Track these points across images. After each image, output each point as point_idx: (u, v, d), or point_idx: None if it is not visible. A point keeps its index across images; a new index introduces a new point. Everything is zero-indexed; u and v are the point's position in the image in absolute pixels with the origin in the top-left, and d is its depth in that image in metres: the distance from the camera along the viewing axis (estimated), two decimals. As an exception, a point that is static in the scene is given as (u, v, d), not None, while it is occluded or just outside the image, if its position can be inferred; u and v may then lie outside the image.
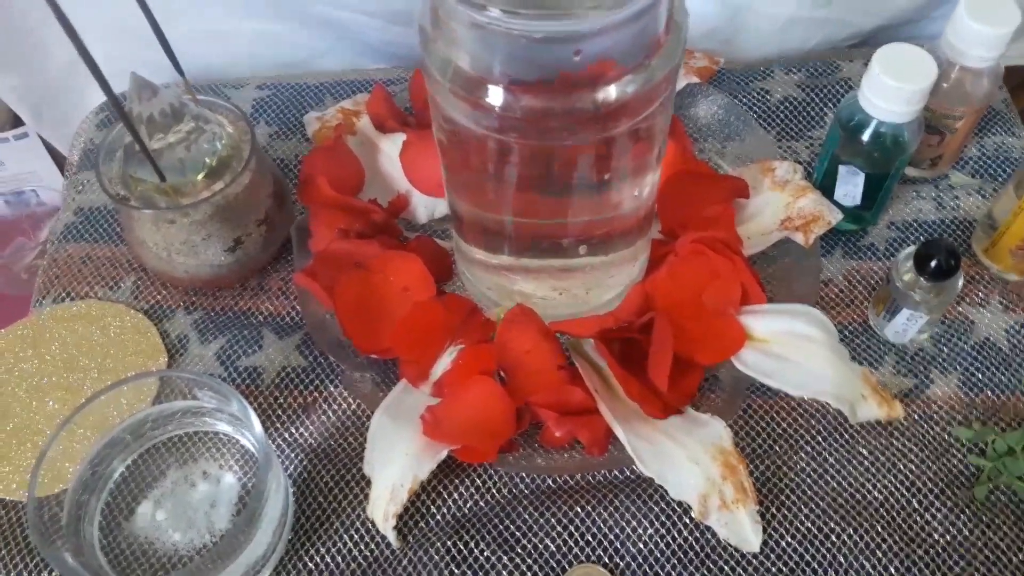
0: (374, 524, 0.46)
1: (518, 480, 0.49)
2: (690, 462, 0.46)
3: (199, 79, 0.62)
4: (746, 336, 0.49)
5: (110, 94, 0.42)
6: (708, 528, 0.46)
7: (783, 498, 0.47)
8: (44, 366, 0.53)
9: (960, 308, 0.53)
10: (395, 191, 0.58)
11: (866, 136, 0.50)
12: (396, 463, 0.46)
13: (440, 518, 0.47)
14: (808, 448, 0.49)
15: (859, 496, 0.47)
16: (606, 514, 0.47)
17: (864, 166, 0.52)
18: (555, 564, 0.46)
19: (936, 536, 0.46)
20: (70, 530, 0.43)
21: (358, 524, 0.47)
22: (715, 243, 0.51)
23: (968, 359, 0.52)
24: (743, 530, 0.45)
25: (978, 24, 0.49)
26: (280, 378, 0.53)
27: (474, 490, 0.48)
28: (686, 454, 0.46)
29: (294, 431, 0.51)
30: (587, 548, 0.46)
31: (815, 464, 0.48)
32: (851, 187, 0.53)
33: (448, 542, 0.46)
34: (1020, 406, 0.50)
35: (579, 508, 0.47)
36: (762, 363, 0.49)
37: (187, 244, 0.52)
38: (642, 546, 0.46)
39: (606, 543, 0.46)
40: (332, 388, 0.52)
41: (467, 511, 0.48)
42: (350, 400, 0.51)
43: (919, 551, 0.46)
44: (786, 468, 0.48)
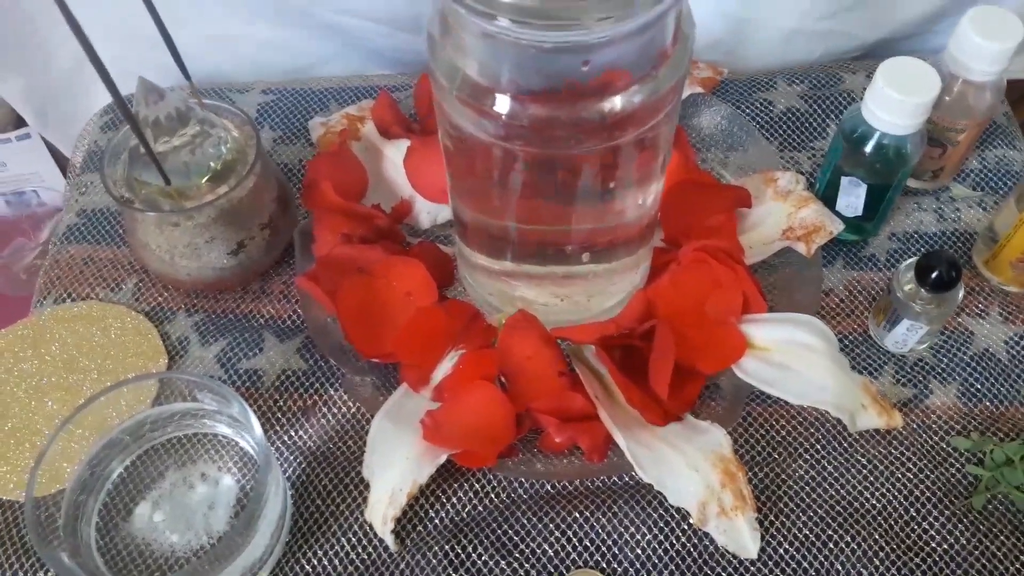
0: (372, 528, 0.46)
1: (517, 485, 0.49)
2: (689, 469, 0.46)
3: (205, 83, 0.63)
4: (747, 344, 0.50)
5: (117, 96, 0.42)
6: (706, 535, 0.46)
7: (781, 505, 0.47)
8: (44, 366, 0.53)
9: (960, 319, 0.54)
10: (398, 197, 0.58)
11: (869, 148, 0.51)
12: (396, 467, 0.46)
13: (439, 522, 0.47)
14: (807, 456, 0.49)
15: (857, 504, 0.48)
16: (604, 520, 0.47)
17: (866, 177, 0.52)
18: (553, 569, 0.46)
19: (934, 545, 0.46)
20: (67, 530, 0.43)
21: (356, 527, 0.47)
22: (717, 252, 0.51)
23: (967, 370, 0.52)
24: (741, 537, 0.45)
25: (981, 39, 0.50)
26: (280, 381, 0.53)
27: (473, 495, 0.48)
28: (685, 461, 0.46)
29: (293, 434, 0.51)
30: (585, 553, 0.46)
31: (814, 472, 0.49)
32: (853, 198, 0.53)
33: (446, 546, 0.46)
34: (1019, 417, 0.50)
35: (578, 513, 0.47)
36: (763, 371, 0.49)
37: (190, 247, 0.52)
38: (640, 552, 0.46)
39: (604, 548, 0.46)
40: (332, 391, 0.52)
41: (466, 515, 0.48)
42: (350, 404, 0.51)
43: (916, 559, 0.46)
44: (785, 476, 0.49)
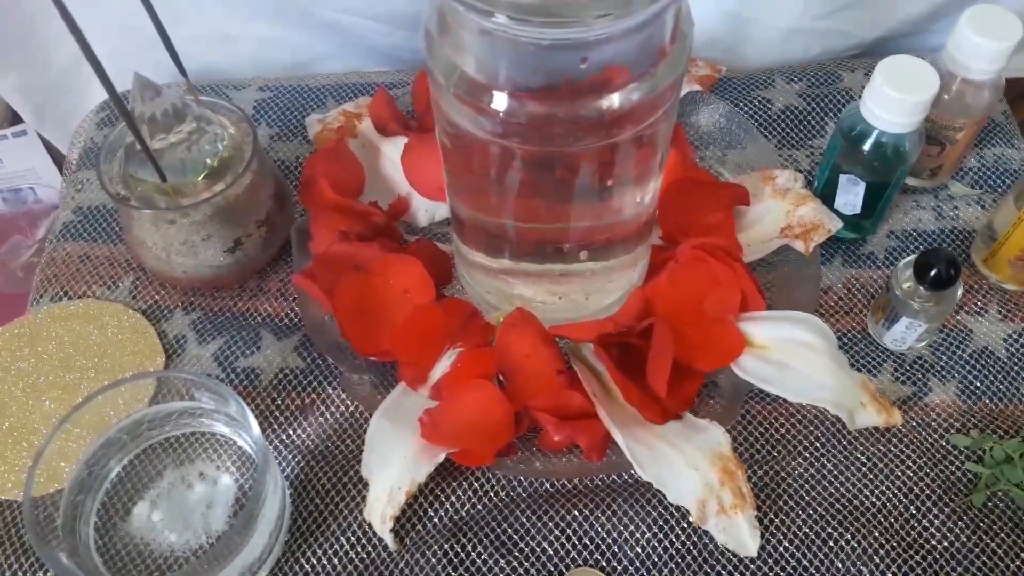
0: (371, 527, 0.46)
1: (516, 484, 0.49)
2: (688, 467, 0.46)
3: (201, 80, 0.62)
4: (745, 342, 0.49)
5: (113, 93, 0.42)
6: (706, 533, 0.46)
7: (781, 503, 0.47)
8: (41, 365, 0.53)
9: (959, 317, 0.54)
10: (396, 194, 0.58)
11: (867, 146, 0.51)
12: (394, 466, 0.46)
13: (437, 521, 0.47)
14: (806, 454, 0.49)
15: (857, 502, 0.48)
16: (604, 518, 0.47)
17: (865, 175, 0.52)
18: (552, 568, 0.46)
19: (934, 542, 0.46)
20: (66, 530, 0.43)
21: (355, 526, 0.47)
22: (715, 250, 0.51)
23: (966, 367, 0.52)
24: (741, 535, 0.45)
25: (980, 37, 0.50)
26: (278, 379, 0.52)
27: (471, 493, 0.48)
28: (684, 459, 0.46)
29: (292, 433, 0.50)
30: (584, 552, 0.46)
31: (813, 470, 0.49)
32: (851, 196, 0.53)
33: (445, 545, 0.46)
34: (1018, 414, 0.50)
35: (577, 512, 0.47)
36: (761, 369, 0.49)
37: (187, 244, 0.52)
38: (639, 550, 0.46)
39: (603, 547, 0.46)
40: (330, 390, 0.52)
41: (464, 514, 0.48)
42: (348, 402, 0.51)
43: (916, 557, 0.46)
44: (784, 474, 0.49)
